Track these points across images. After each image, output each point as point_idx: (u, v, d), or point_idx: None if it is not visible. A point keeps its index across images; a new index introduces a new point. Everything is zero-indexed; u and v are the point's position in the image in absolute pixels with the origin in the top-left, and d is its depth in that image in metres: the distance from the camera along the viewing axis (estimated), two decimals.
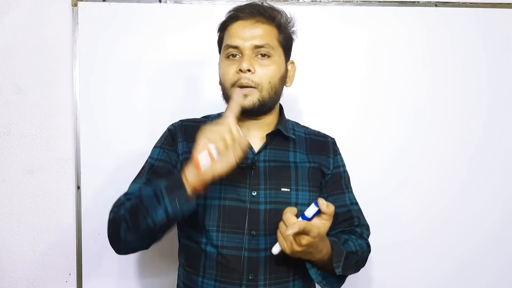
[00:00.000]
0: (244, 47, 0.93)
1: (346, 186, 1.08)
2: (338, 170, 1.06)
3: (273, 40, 0.96)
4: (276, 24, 0.97)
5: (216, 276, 0.94)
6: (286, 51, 1.00)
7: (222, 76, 0.97)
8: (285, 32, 0.99)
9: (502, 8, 1.51)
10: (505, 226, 1.52)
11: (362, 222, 1.06)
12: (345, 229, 1.04)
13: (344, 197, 1.06)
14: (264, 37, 0.94)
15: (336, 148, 1.09)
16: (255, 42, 0.93)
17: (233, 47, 0.95)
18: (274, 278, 0.94)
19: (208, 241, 0.95)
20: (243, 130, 0.99)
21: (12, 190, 1.46)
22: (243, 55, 0.94)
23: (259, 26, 0.95)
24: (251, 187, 0.95)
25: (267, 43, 0.94)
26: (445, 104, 1.50)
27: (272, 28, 0.97)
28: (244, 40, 0.93)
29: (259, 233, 0.93)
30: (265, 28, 0.95)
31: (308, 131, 1.10)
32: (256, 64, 0.93)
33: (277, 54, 0.97)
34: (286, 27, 1.00)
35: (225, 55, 0.97)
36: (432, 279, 1.52)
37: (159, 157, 1.00)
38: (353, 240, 0.99)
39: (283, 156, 1.01)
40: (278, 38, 0.97)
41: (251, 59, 0.93)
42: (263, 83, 0.94)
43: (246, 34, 0.94)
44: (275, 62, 0.96)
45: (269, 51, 0.95)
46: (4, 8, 1.44)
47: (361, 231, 1.05)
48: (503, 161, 1.52)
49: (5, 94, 1.45)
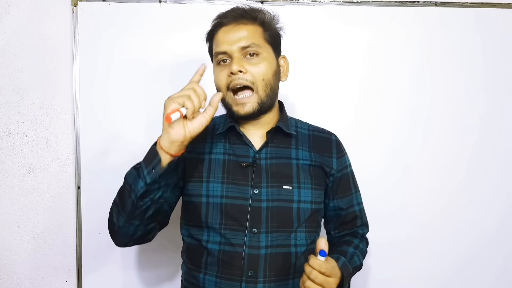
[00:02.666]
0: (232, 50, 0.95)
1: (354, 186, 1.11)
2: (346, 171, 1.08)
3: (258, 39, 0.97)
4: (260, 22, 0.99)
5: (217, 272, 0.95)
6: (274, 47, 1.01)
7: (216, 82, 1.00)
8: (270, 29, 1.01)
9: (502, 8, 1.51)
10: (503, 224, 1.52)
11: (364, 221, 1.10)
12: (348, 232, 1.08)
13: (352, 198, 1.09)
14: (248, 38, 0.96)
15: (341, 148, 1.10)
16: (241, 44, 0.95)
17: (221, 53, 0.97)
18: (274, 275, 0.95)
19: (210, 238, 0.96)
20: (243, 130, 1.00)
21: (12, 190, 1.46)
22: (232, 58, 0.96)
23: (242, 27, 0.97)
24: (253, 185, 0.96)
25: (253, 43, 0.96)
26: (444, 104, 1.51)
27: (256, 27, 0.98)
28: (231, 44, 0.95)
29: (261, 230, 0.95)
30: (249, 28, 0.97)
31: (312, 127, 1.10)
32: (246, 64, 0.95)
33: (266, 51, 0.98)
34: (271, 24, 1.01)
35: (216, 62, 0.99)
36: (430, 277, 1.52)
37: None
38: (357, 253, 1.02)
39: (285, 153, 1.01)
40: (263, 36, 0.99)
41: (240, 60, 0.95)
42: (257, 82, 0.95)
43: (231, 37, 0.96)
44: (265, 59, 0.97)
45: (256, 49, 0.96)
46: (4, 8, 1.44)
47: (362, 231, 1.09)
48: (502, 160, 1.52)
49: (5, 94, 1.45)
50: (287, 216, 0.96)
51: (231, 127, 1.01)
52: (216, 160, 1.00)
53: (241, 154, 0.99)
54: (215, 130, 1.04)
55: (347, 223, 1.08)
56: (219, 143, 1.02)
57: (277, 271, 0.95)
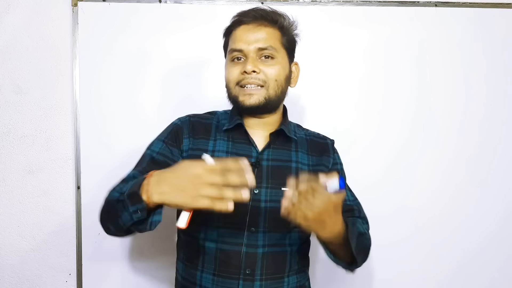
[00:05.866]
0: (248, 50, 0.96)
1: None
2: (336, 167, 1.10)
3: (276, 42, 0.98)
4: (279, 26, 1.00)
5: (214, 270, 0.96)
6: (289, 52, 1.03)
7: (227, 77, 1.00)
8: (288, 34, 1.02)
9: (502, 8, 1.51)
10: (504, 225, 1.52)
11: (362, 214, 1.10)
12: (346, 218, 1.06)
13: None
14: (267, 40, 0.97)
15: (335, 150, 1.12)
16: (258, 45, 0.96)
17: (237, 51, 0.97)
18: (270, 273, 0.96)
19: (208, 237, 0.97)
20: (247, 129, 1.01)
21: (12, 190, 1.46)
22: (247, 58, 0.97)
23: (262, 29, 0.97)
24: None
25: (270, 45, 0.97)
26: (445, 104, 1.51)
27: (275, 31, 0.99)
28: (248, 43, 0.96)
29: (259, 229, 0.96)
30: (268, 31, 0.98)
31: (308, 133, 1.13)
32: (260, 65, 0.96)
33: (281, 55, 0.99)
34: (289, 29, 1.02)
35: (230, 59, 1.00)
36: (430, 278, 1.52)
37: (161, 151, 1.01)
38: (360, 223, 1.02)
39: (286, 155, 1.03)
40: (281, 40, 1.00)
41: (255, 61, 0.96)
42: (269, 81, 0.97)
43: (250, 37, 0.96)
44: (279, 62, 0.98)
45: (273, 53, 0.97)
46: (4, 8, 1.44)
47: (362, 222, 1.08)
48: (502, 161, 1.52)
49: (5, 94, 1.45)
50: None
51: (237, 125, 1.01)
52: (218, 158, 0.99)
53: (243, 153, 1.00)
54: (220, 126, 1.04)
55: (345, 212, 1.06)
56: (221, 141, 1.02)
57: (273, 269, 0.97)
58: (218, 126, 1.05)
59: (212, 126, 1.05)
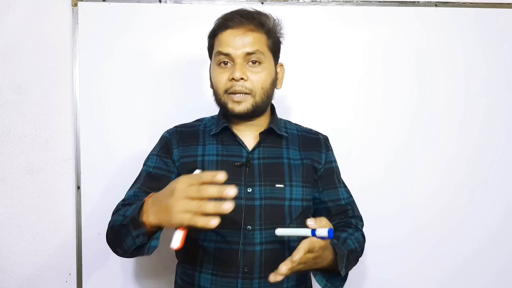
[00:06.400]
0: (235, 55, 0.97)
1: (338, 180, 1.12)
2: (331, 165, 1.10)
3: (263, 46, 0.99)
4: (265, 30, 1.00)
5: (212, 270, 0.97)
6: (275, 54, 1.04)
7: (215, 83, 1.01)
8: (273, 37, 1.03)
9: (502, 8, 1.51)
10: (504, 224, 1.52)
11: (356, 213, 1.10)
12: (340, 221, 1.07)
13: (338, 191, 1.09)
14: (254, 44, 0.97)
15: (328, 144, 1.12)
16: (246, 50, 0.97)
17: (224, 55, 0.98)
18: (268, 271, 0.95)
19: (206, 237, 0.98)
20: (236, 131, 1.02)
21: (12, 190, 1.46)
22: (234, 63, 0.97)
23: (249, 34, 0.97)
24: (246, 184, 0.98)
25: (257, 50, 0.97)
26: (444, 104, 1.51)
27: (261, 35, 0.99)
28: (236, 48, 0.96)
29: (255, 227, 0.97)
30: (255, 35, 0.98)
31: (300, 128, 1.13)
32: (248, 72, 0.97)
33: (267, 59, 1.00)
34: (274, 31, 1.03)
35: (217, 62, 1.00)
36: (430, 278, 1.52)
37: (156, 165, 1.03)
38: (351, 238, 1.01)
39: (277, 153, 1.04)
40: (267, 43, 1.00)
41: (243, 67, 0.97)
42: (256, 89, 0.98)
43: (237, 42, 0.97)
44: (266, 68, 0.99)
45: (260, 57, 0.98)
46: (4, 8, 1.44)
47: (356, 222, 1.09)
48: (502, 161, 1.52)
49: (5, 94, 1.45)
50: (279, 213, 0.99)
51: (225, 128, 1.03)
52: (209, 161, 1.01)
53: (234, 154, 1.01)
54: (207, 131, 1.06)
55: (337, 215, 1.07)
56: (211, 145, 1.04)
57: (272, 266, 0.95)
58: (206, 132, 1.06)
59: (200, 132, 1.06)
